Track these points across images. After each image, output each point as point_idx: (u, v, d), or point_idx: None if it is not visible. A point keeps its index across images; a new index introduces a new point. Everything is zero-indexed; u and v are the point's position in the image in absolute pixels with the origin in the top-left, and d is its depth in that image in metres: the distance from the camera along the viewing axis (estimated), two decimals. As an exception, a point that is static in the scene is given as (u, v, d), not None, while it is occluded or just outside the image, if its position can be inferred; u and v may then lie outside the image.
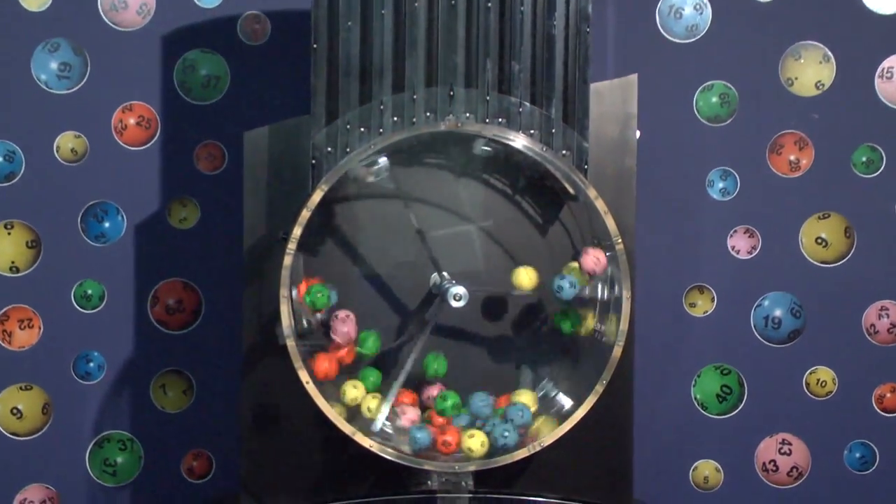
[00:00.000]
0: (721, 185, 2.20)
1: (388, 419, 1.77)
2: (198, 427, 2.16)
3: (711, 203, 2.20)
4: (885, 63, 2.21)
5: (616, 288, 1.78)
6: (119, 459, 2.16)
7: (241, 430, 1.85)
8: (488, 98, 1.77)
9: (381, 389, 1.79)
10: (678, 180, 2.20)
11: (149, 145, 2.13)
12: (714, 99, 2.20)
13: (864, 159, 2.21)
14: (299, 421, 1.83)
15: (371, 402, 1.77)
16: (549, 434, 1.75)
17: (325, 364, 1.73)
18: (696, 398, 2.22)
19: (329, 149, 1.74)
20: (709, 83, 2.19)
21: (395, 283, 1.85)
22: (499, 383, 1.86)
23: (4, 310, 2.13)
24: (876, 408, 2.24)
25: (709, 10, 2.19)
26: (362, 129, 1.75)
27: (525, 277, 1.80)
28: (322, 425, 1.75)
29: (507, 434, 1.74)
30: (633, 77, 1.88)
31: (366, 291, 1.84)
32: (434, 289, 1.81)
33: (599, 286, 1.82)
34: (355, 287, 1.83)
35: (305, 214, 1.69)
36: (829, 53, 2.20)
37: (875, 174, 2.21)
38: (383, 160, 1.76)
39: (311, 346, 1.77)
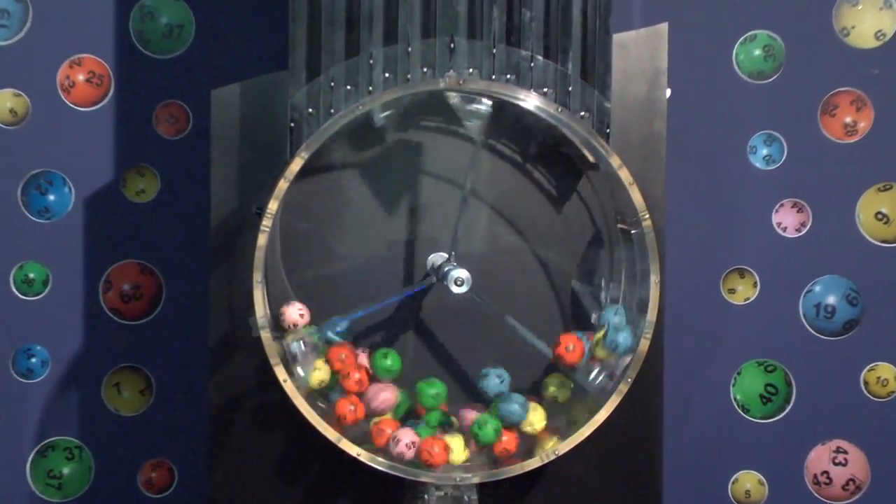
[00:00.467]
0: (765, 151, 2.20)
1: None
2: (158, 432, 2.17)
3: (754, 173, 2.21)
4: (956, 9, 2.21)
5: (642, 271, 1.77)
6: (65, 470, 2.17)
7: (208, 436, 1.85)
8: (495, 51, 1.76)
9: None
10: (715, 146, 2.20)
11: (101, 105, 2.13)
12: (757, 52, 2.20)
13: (931, 122, 2.22)
14: (275, 426, 1.84)
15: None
16: (564, 441, 1.74)
17: (350, 408, 1.75)
18: (735, 399, 2.23)
19: (310, 109, 1.74)
20: (751, 33, 2.19)
21: (387, 265, 1.85)
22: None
23: (-67, 297, 2.14)
24: (945, 410, 2.26)
25: (751, -51, 2.19)
26: (348, 87, 1.74)
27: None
28: (302, 431, 1.74)
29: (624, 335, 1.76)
30: (663, 27, 1.87)
31: (353, 274, 1.84)
32: (431, 272, 1.81)
33: (623, 271, 1.83)
34: (341, 269, 1.83)
35: (283, 186, 1.69)
36: (892, -2, 2.21)
37: (944, 139, 2.23)
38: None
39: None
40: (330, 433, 1.71)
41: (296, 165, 1.69)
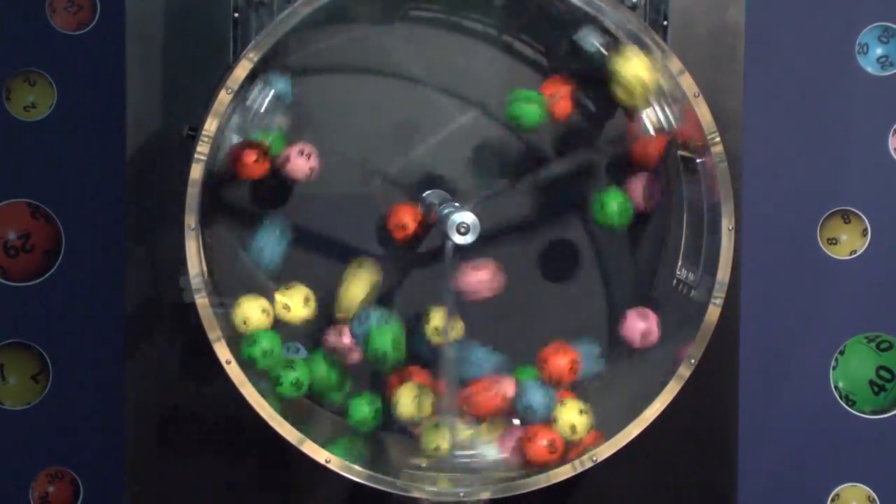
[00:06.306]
0: (879, 51, 2.22)
1: None
2: (56, 432, 2.19)
3: (864, 80, 2.22)
4: None
5: (710, 214, 1.79)
6: (-67, 483, 2.19)
7: (123, 438, 1.87)
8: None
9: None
10: (812, 44, 2.21)
11: (-27, -12, 2.15)
12: (870, -87, 2.21)
13: None
14: (215, 423, 1.86)
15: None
16: (604, 443, 1.76)
17: None
18: (837, 387, 2.25)
19: (261, -5, 1.76)
20: None
21: (368, 206, 1.86)
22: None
23: None
24: None
25: None
26: (314, -38, 1.75)
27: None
28: (250, 429, 1.76)
29: None
30: None
31: (321, 219, 1.85)
32: (426, 216, 1.82)
33: (685, 215, 1.85)
34: (306, 213, 1.84)
35: (224, 98, 1.69)
36: None
37: None
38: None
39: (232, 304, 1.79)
40: (291, 434, 1.72)
41: (241, 71, 1.69)
